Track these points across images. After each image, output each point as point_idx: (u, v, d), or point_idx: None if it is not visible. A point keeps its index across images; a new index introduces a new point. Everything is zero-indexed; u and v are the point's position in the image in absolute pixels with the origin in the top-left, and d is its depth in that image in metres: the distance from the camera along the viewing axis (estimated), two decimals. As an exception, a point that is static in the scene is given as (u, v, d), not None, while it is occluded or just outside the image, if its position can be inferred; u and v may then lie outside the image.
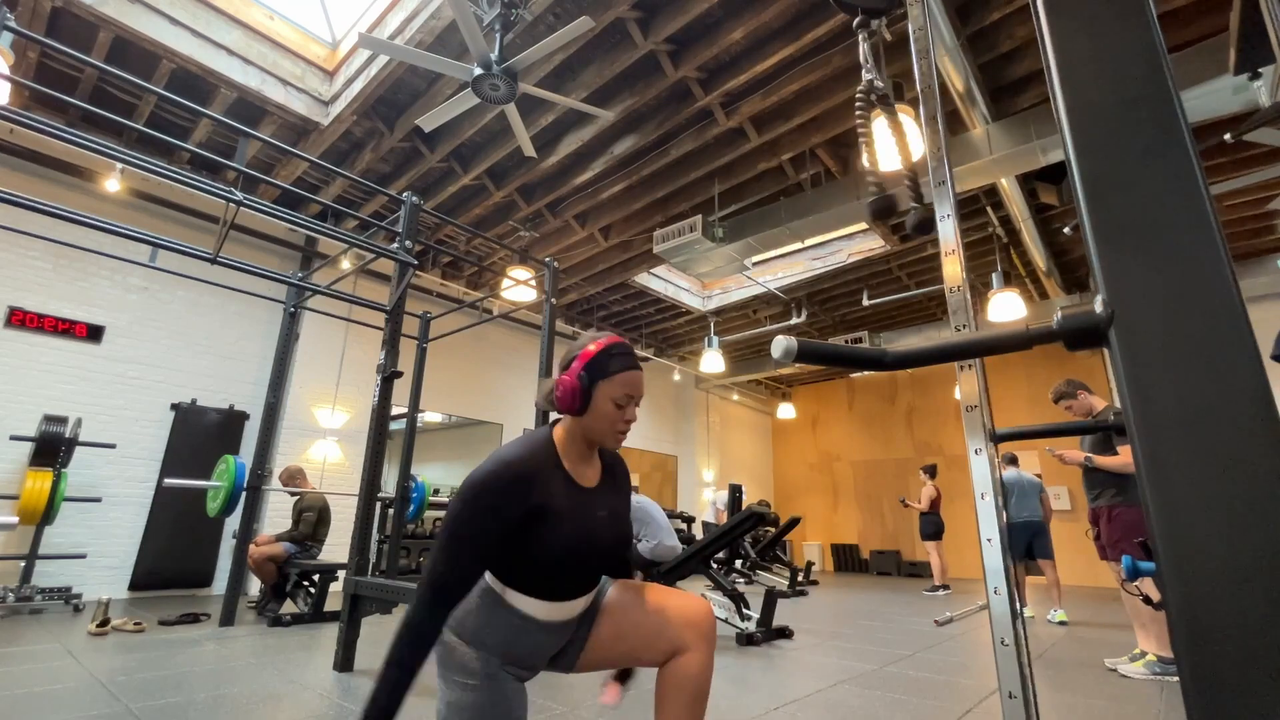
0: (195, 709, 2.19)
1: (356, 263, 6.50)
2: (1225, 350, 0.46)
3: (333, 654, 3.02)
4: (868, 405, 11.87)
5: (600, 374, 1.16)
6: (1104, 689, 2.72)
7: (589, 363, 1.16)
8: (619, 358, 1.18)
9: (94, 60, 2.97)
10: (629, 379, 1.17)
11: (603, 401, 1.16)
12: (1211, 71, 3.63)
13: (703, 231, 5.48)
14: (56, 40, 4.16)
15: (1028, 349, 0.60)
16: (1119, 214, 0.53)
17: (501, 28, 3.79)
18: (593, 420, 1.18)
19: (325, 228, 3.61)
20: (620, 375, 1.17)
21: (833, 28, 3.89)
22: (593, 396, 1.16)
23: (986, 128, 4.48)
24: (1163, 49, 0.55)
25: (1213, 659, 0.42)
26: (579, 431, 1.21)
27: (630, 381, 1.18)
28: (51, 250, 5.09)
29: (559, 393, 1.17)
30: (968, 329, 1.21)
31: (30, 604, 4.32)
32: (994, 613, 1.08)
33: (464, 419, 8.03)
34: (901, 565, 10.44)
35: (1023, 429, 1.13)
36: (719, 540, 4.20)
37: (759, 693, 2.58)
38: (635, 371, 1.19)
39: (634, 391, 1.18)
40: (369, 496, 3.17)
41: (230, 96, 4.77)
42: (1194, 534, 0.44)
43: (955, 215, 1.27)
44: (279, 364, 4.70)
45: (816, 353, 0.63)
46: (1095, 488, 3.33)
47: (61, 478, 4.46)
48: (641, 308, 8.95)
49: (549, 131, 5.12)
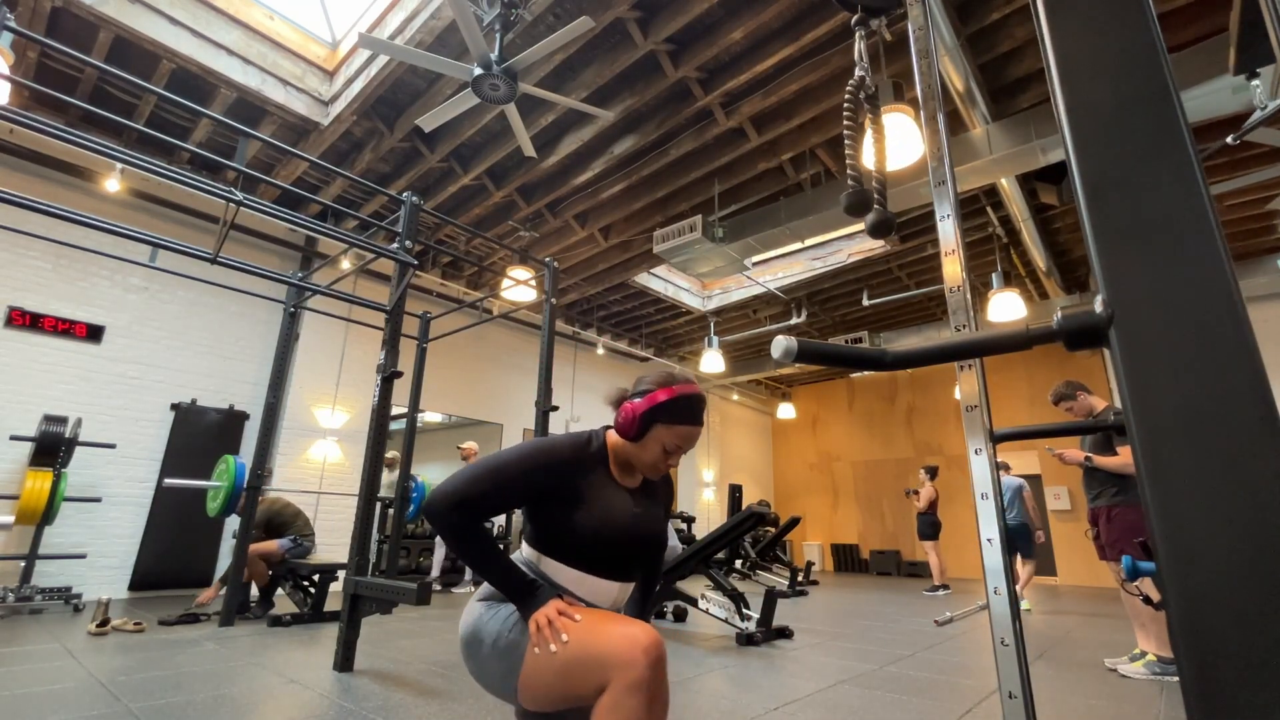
0: (195, 709, 2.19)
1: (356, 263, 6.50)
2: (1225, 350, 0.46)
3: (332, 654, 3.03)
4: (868, 405, 11.87)
5: (664, 419, 1.22)
6: (1104, 689, 2.72)
7: (657, 405, 1.22)
8: (687, 412, 1.23)
9: (94, 60, 2.97)
10: (688, 434, 1.24)
11: (655, 442, 1.23)
12: (1211, 71, 3.63)
13: (703, 231, 5.48)
14: (56, 40, 4.16)
15: (1028, 349, 0.60)
16: (1119, 214, 0.53)
17: (501, 28, 3.79)
18: (640, 451, 1.25)
19: (325, 228, 3.61)
20: (681, 428, 1.23)
21: (833, 28, 3.89)
22: (648, 434, 1.23)
23: (986, 128, 4.48)
24: (1163, 49, 0.55)
25: (1213, 659, 0.42)
26: (623, 451, 1.28)
27: (688, 436, 1.24)
28: (51, 250, 5.09)
29: (621, 418, 1.24)
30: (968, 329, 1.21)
31: (30, 604, 4.31)
32: (994, 613, 1.08)
33: (464, 419, 8.03)
34: (901, 565, 10.45)
35: (1023, 429, 1.12)
36: (719, 540, 4.20)
37: (759, 693, 2.58)
38: (696, 427, 1.25)
39: (686, 445, 1.25)
40: (369, 496, 3.17)
41: (230, 96, 4.77)
42: (1194, 534, 0.44)
43: (955, 215, 1.27)
44: (279, 364, 4.70)
45: (816, 353, 0.63)
46: (1095, 488, 3.33)
47: (61, 478, 4.46)
48: (641, 308, 8.95)
49: (549, 131, 5.12)
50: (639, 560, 1.31)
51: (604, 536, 1.22)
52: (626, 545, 1.25)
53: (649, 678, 1.03)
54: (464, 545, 1.15)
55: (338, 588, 5.68)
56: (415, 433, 5.46)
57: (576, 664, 1.07)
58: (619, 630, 1.08)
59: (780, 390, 12.89)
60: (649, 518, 1.31)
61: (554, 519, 1.23)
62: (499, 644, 1.17)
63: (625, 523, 1.25)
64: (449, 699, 2.39)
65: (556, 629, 1.10)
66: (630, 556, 1.27)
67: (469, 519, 1.16)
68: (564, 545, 1.23)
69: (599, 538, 1.22)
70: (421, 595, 2.61)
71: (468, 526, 1.16)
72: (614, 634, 1.07)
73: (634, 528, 1.26)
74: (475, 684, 2.61)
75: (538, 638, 1.10)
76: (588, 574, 1.23)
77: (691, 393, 1.24)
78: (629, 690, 1.02)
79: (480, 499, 1.16)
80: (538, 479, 1.21)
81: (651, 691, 1.04)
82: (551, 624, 1.11)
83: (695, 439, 1.26)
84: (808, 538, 11.90)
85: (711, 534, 4.23)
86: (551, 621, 1.11)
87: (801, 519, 9.52)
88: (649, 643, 1.05)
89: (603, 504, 1.23)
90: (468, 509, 1.16)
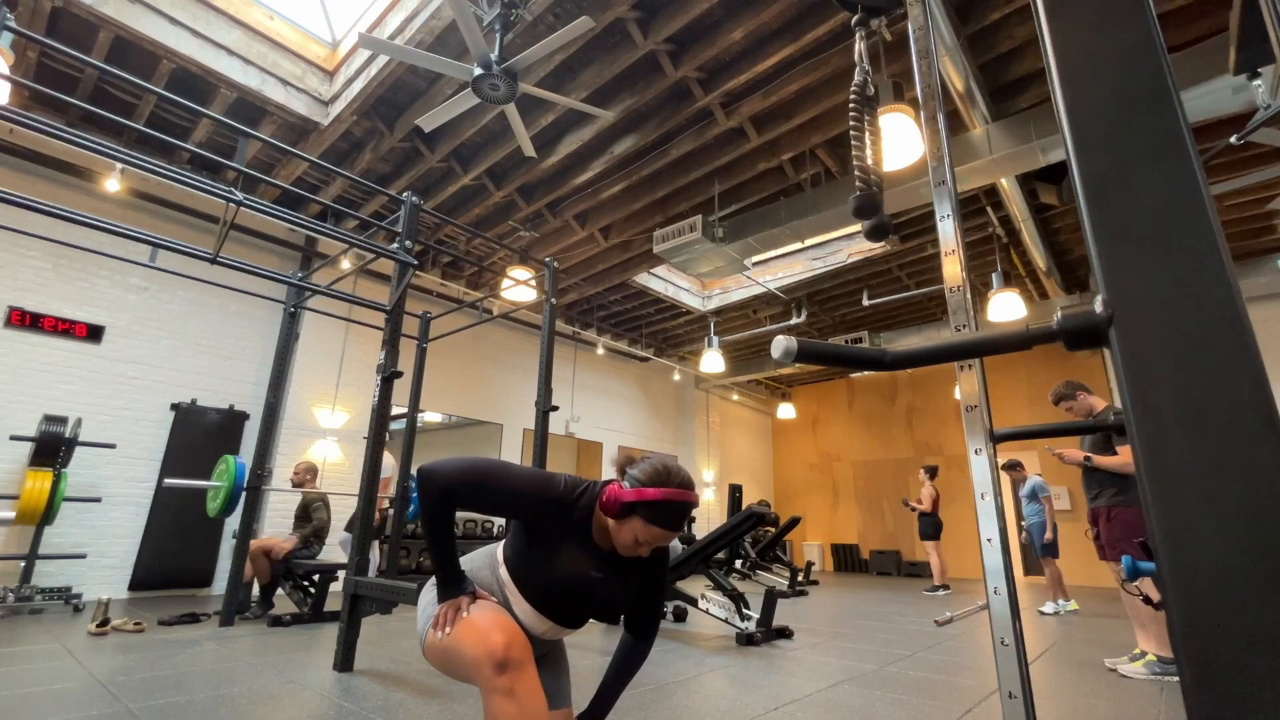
0: (195, 709, 2.19)
1: (356, 263, 6.50)
2: (1225, 350, 0.46)
3: (333, 654, 3.03)
4: (868, 405, 11.87)
5: (644, 515, 1.28)
6: (1104, 689, 2.72)
7: (643, 501, 1.28)
8: (667, 518, 1.28)
9: (94, 60, 2.97)
10: (661, 536, 1.30)
11: (629, 530, 1.30)
12: (1211, 71, 3.63)
13: (703, 231, 5.48)
14: (56, 40, 4.16)
15: (1028, 349, 0.60)
16: (1119, 214, 0.53)
17: (501, 28, 3.79)
18: (616, 530, 1.32)
19: (325, 228, 3.61)
20: (656, 530, 1.29)
21: (833, 28, 3.89)
22: (626, 520, 1.30)
23: (986, 128, 4.48)
24: (1163, 49, 0.55)
25: (1213, 659, 0.42)
26: (604, 519, 1.36)
27: (660, 538, 1.31)
28: (51, 250, 5.09)
29: (607, 496, 1.31)
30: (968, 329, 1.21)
31: (30, 604, 4.31)
32: (994, 613, 1.08)
33: (464, 419, 8.03)
34: (901, 565, 10.44)
35: (1023, 429, 1.12)
36: (719, 540, 4.20)
37: (759, 693, 2.58)
38: (671, 533, 1.31)
39: (657, 545, 1.32)
40: (369, 496, 3.17)
41: (230, 96, 4.77)
42: (1194, 534, 0.44)
43: (955, 215, 1.27)
44: (279, 364, 4.70)
45: (816, 353, 0.63)
46: (1095, 488, 3.33)
47: (61, 478, 4.46)
48: (641, 308, 8.95)
49: (549, 131, 5.12)
50: (582, 616, 1.40)
51: (555, 584, 1.33)
52: (574, 601, 1.35)
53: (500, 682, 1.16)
54: (433, 522, 1.29)
55: (338, 588, 5.68)
56: (415, 433, 5.46)
57: (452, 654, 1.25)
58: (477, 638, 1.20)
59: (780, 390, 12.89)
60: (608, 583, 1.37)
61: (522, 548, 1.36)
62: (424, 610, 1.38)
63: (581, 581, 1.34)
64: (449, 699, 2.39)
65: (447, 620, 1.27)
66: (576, 611, 1.37)
67: (449, 504, 1.28)
68: (521, 570, 1.36)
69: (550, 583, 1.33)
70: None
71: (445, 508, 1.29)
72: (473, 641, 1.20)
73: (588, 588, 1.35)
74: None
75: (438, 620, 1.28)
76: (531, 607, 1.36)
77: (678, 500, 1.28)
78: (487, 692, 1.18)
79: (470, 492, 1.27)
80: (525, 504, 1.31)
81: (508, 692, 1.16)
82: (447, 615, 1.27)
83: (668, 541, 1.32)
84: (808, 538, 11.90)
85: (711, 534, 4.23)
86: (448, 613, 1.28)
87: (801, 519, 9.51)
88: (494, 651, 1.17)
89: (567, 557, 1.33)
90: (455, 496, 1.27)
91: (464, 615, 1.26)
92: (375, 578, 3.13)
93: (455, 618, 1.26)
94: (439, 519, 1.29)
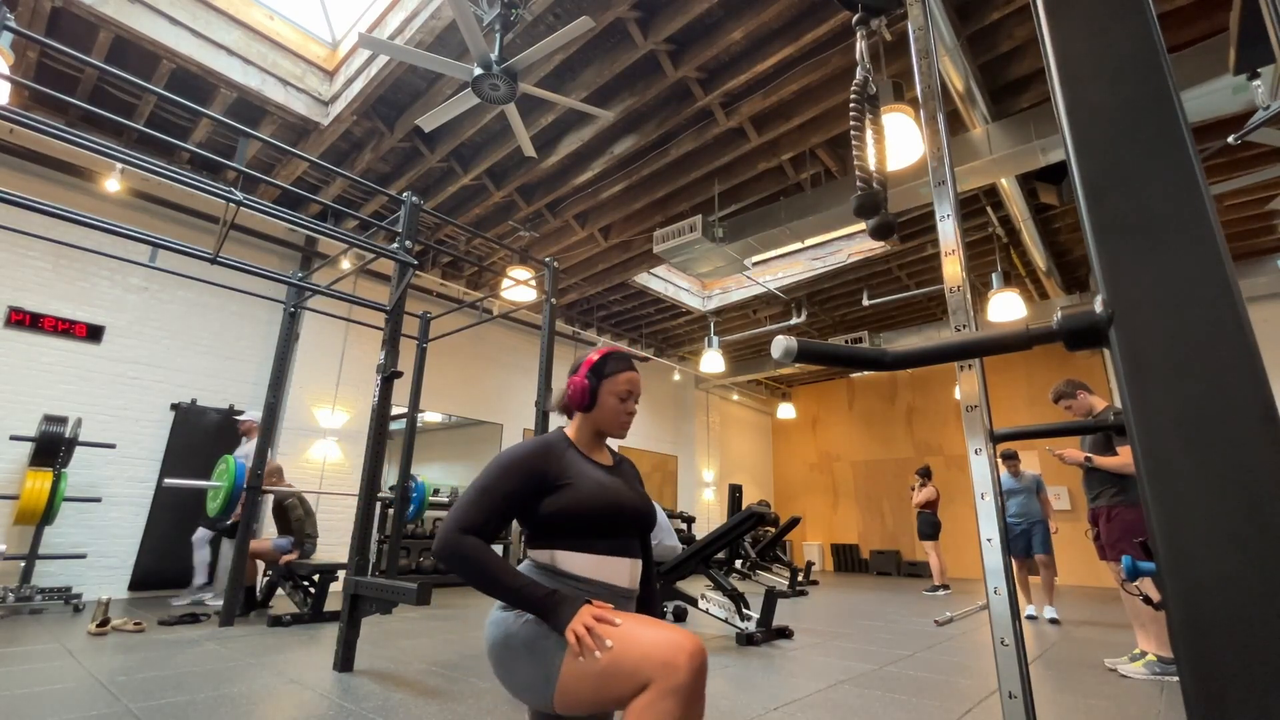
0: (195, 709, 2.19)
1: (356, 263, 6.50)
2: (1225, 350, 0.46)
3: (333, 654, 3.03)
4: (868, 405, 11.87)
5: (604, 374, 1.40)
6: (1104, 689, 2.72)
7: (593, 367, 1.40)
8: (617, 360, 1.42)
9: (94, 60, 2.97)
10: (630, 378, 1.42)
11: (607, 397, 1.39)
12: (1211, 71, 3.63)
13: (703, 231, 5.48)
14: (56, 40, 4.16)
15: (1028, 349, 0.60)
16: (1119, 214, 0.53)
17: (501, 28, 3.79)
18: (600, 414, 1.40)
19: (325, 228, 3.61)
20: (620, 375, 1.40)
21: (833, 28, 3.89)
22: (599, 394, 1.39)
23: (986, 128, 4.48)
24: (1163, 49, 0.55)
25: (1213, 659, 0.42)
26: (588, 426, 1.42)
27: (631, 380, 1.42)
28: (51, 250, 5.09)
29: (570, 392, 1.39)
30: (968, 329, 1.21)
31: (30, 604, 4.31)
32: (994, 613, 1.08)
33: (464, 419, 8.03)
34: (901, 565, 10.44)
35: (1023, 429, 1.12)
36: (719, 540, 4.20)
37: (759, 693, 2.58)
38: (633, 372, 1.43)
39: (633, 388, 1.42)
40: (369, 496, 3.17)
41: (230, 96, 4.77)
42: (1194, 534, 0.44)
43: (955, 215, 1.27)
44: (279, 364, 4.70)
45: (816, 353, 0.63)
46: (1095, 488, 3.33)
47: (61, 478, 4.46)
48: (641, 308, 8.95)
49: (549, 131, 5.12)
50: (633, 529, 1.36)
51: (599, 505, 1.29)
52: (619, 513, 1.31)
53: (689, 683, 1.03)
54: (480, 571, 1.15)
55: (338, 588, 5.68)
56: (415, 433, 5.46)
57: (617, 668, 1.06)
58: (662, 634, 1.08)
59: (780, 390, 12.89)
60: (631, 489, 1.39)
61: (550, 509, 1.27)
62: (533, 651, 1.15)
63: (613, 491, 1.32)
64: (449, 699, 2.39)
65: (599, 635, 1.09)
66: (625, 525, 1.33)
67: (469, 540, 1.17)
68: (568, 529, 1.27)
69: (595, 507, 1.28)
70: (421, 595, 2.61)
71: (479, 549, 1.17)
72: (657, 638, 1.07)
73: (621, 495, 1.34)
74: (475, 684, 2.61)
75: (579, 646, 1.09)
76: (599, 555, 1.28)
77: (615, 349, 1.43)
78: (668, 693, 1.02)
79: (483, 524, 1.20)
80: (520, 484, 1.27)
81: (689, 697, 1.03)
82: (591, 631, 1.09)
83: (638, 382, 1.43)
84: (808, 538, 11.90)
85: (711, 534, 4.23)
86: (591, 629, 1.10)
87: (801, 519, 9.51)
88: (693, 648, 1.05)
89: (588, 478, 1.32)
90: (473, 533, 1.19)
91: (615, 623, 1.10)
92: (375, 578, 3.13)
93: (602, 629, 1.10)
94: (482, 561, 1.15)
